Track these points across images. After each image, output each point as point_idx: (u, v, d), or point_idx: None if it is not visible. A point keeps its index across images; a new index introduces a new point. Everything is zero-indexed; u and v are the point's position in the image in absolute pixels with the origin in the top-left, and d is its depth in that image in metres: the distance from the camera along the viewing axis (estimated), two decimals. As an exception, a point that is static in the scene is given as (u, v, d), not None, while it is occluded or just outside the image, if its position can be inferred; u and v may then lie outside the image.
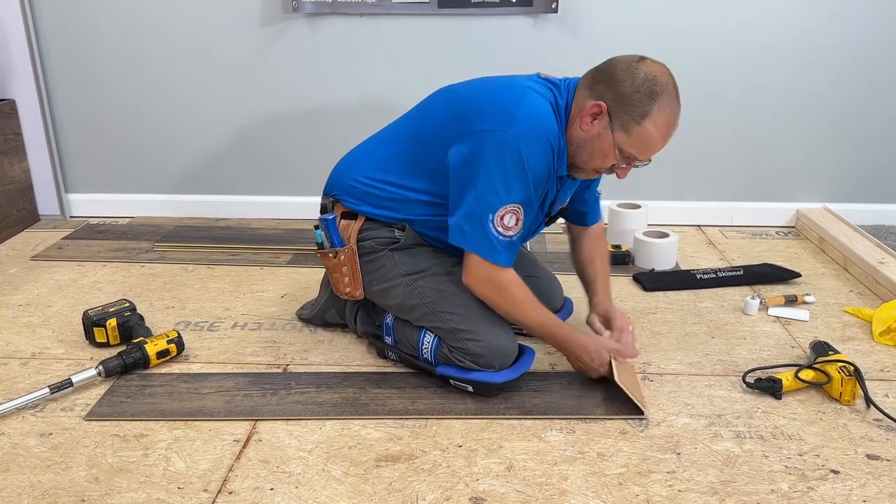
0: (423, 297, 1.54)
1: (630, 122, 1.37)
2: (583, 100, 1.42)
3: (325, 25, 2.45)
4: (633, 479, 1.29)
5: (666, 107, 1.37)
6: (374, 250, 1.57)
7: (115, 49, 2.50)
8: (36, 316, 1.90)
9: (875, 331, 1.80)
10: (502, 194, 1.39)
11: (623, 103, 1.37)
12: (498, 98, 1.44)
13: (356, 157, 1.66)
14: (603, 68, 1.42)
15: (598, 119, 1.40)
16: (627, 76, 1.37)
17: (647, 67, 1.37)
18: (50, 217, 2.66)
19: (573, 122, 1.44)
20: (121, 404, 1.50)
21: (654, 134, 1.38)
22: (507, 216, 1.40)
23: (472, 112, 1.44)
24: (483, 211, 1.40)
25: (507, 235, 1.42)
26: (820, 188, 2.62)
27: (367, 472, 1.30)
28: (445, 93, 1.57)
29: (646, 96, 1.36)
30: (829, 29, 2.41)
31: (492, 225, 1.40)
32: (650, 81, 1.36)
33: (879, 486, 1.27)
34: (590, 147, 1.43)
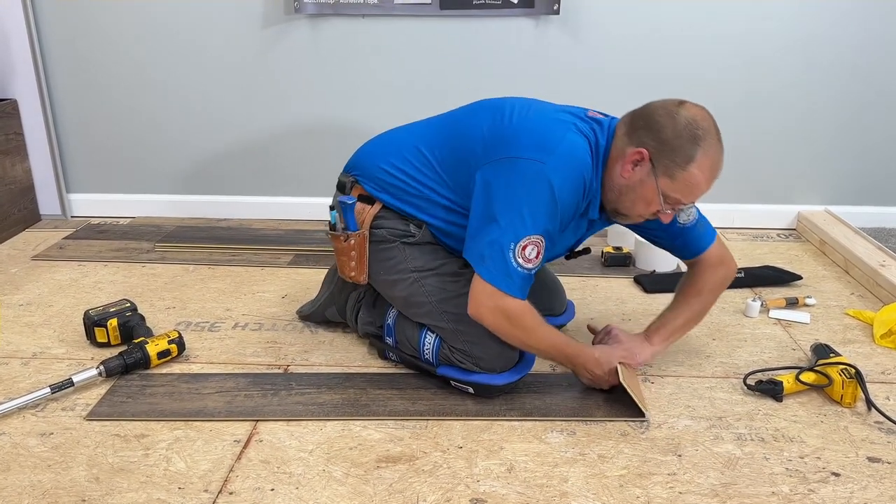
0: (430, 294, 1.54)
1: (674, 167, 1.34)
2: (621, 145, 1.40)
3: (327, 27, 2.45)
4: (634, 481, 1.28)
5: (710, 150, 1.34)
6: (386, 240, 1.56)
7: (116, 49, 2.50)
8: (37, 316, 1.90)
9: (876, 333, 1.80)
10: (529, 224, 1.36)
11: (665, 149, 1.34)
12: (541, 128, 1.42)
13: (386, 143, 1.63)
14: (641, 113, 1.40)
15: (639, 166, 1.37)
16: (668, 121, 1.34)
17: (687, 111, 1.35)
18: (51, 217, 2.67)
19: (612, 167, 1.41)
20: (121, 404, 1.50)
21: (700, 178, 1.35)
22: (530, 248, 1.37)
23: (513, 136, 1.41)
24: (506, 240, 1.36)
25: (527, 268, 1.38)
26: (821, 191, 2.62)
27: (367, 472, 1.30)
28: (491, 108, 1.52)
29: (688, 141, 1.33)
30: (830, 31, 2.41)
31: (513, 255, 1.36)
32: (692, 126, 1.33)
33: (880, 488, 1.27)
34: (632, 194, 1.41)
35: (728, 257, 1.63)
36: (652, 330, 1.62)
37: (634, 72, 2.45)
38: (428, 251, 1.56)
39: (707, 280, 1.61)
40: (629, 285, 2.13)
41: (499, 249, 1.37)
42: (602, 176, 1.44)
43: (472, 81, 2.49)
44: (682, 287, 1.65)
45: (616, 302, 2.02)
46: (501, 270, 1.37)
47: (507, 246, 1.36)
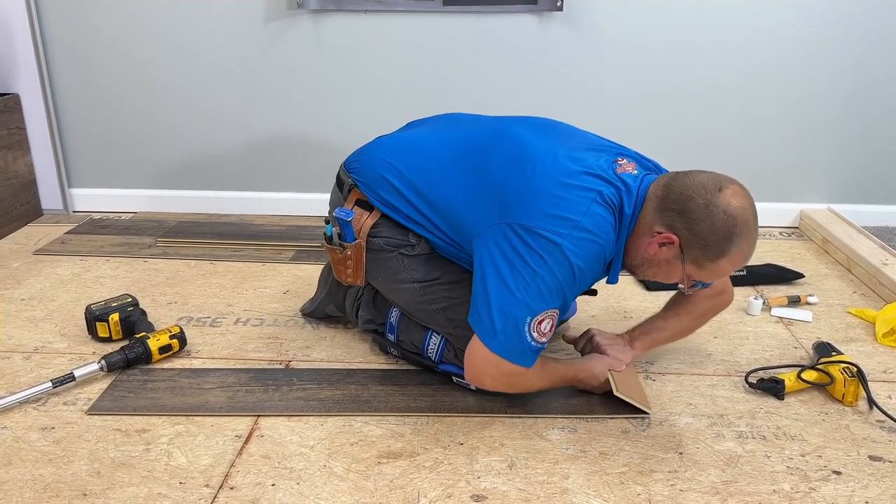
0: (434, 303, 1.51)
1: (704, 259, 1.30)
2: (650, 219, 1.32)
3: (330, 22, 2.45)
4: (635, 479, 1.28)
5: (743, 245, 1.28)
6: (385, 249, 1.51)
7: (119, 45, 2.50)
8: (39, 310, 1.90)
9: (878, 332, 1.79)
10: (548, 299, 1.29)
11: (698, 242, 1.28)
12: (565, 196, 1.31)
13: (391, 152, 1.53)
14: (676, 193, 1.29)
15: (667, 247, 1.32)
16: (704, 214, 1.26)
17: (725, 203, 1.26)
18: (53, 212, 2.67)
19: (638, 238, 1.35)
20: (123, 399, 1.50)
21: (728, 269, 1.32)
22: (545, 322, 1.31)
23: (533, 198, 1.32)
24: (522, 314, 1.29)
25: (541, 342, 1.32)
26: (824, 189, 2.61)
27: (368, 468, 1.30)
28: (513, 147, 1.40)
29: (724, 238, 1.26)
30: (834, 31, 2.40)
31: (527, 329, 1.29)
32: (729, 223, 1.25)
33: (882, 487, 1.27)
34: (655, 268, 1.38)
35: (728, 287, 1.62)
36: (637, 335, 1.60)
37: (637, 68, 2.45)
38: (428, 261, 1.51)
39: (705, 304, 1.60)
40: (631, 283, 2.13)
41: (513, 324, 1.29)
42: (627, 243, 1.38)
43: (474, 78, 2.48)
44: (676, 303, 1.62)
45: (618, 299, 2.02)
46: (516, 345, 1.30)
47: (522, 320, 1.29)
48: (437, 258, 1.52)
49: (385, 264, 1.53)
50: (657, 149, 2.51)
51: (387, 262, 1.52)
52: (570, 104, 2.48)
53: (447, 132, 1.55)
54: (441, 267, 1.52)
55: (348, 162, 1.60)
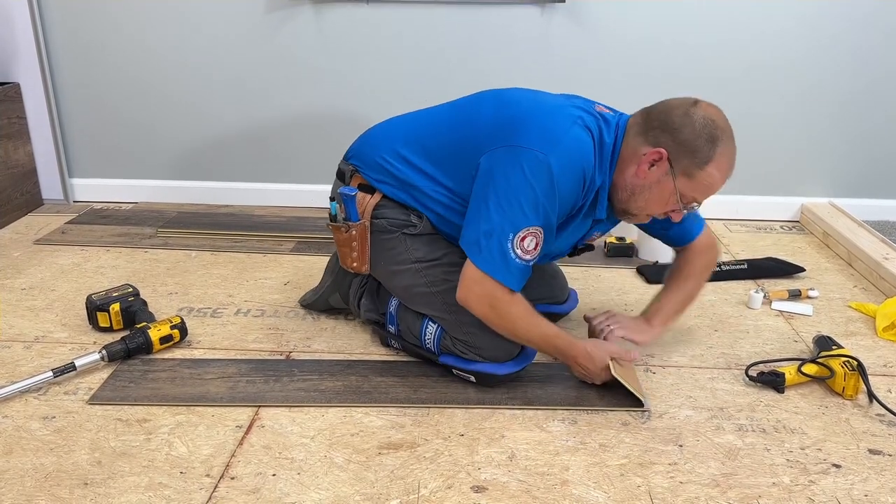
0: (432, 285, 1.53)
1: (693, 167, 1.35)
2: (636, 145, 1.39)
3: (331, 12, 2.44)
4: (635, 471, 1.29)
5: (727, 149, 1.36)
6: (388, 230, 1.54)
7: (119, 34, 2.49)
8: (39, 300, 1.90)
9: (878, 326, 1.79)
10: (529, 214, 1.34)
11: (684, 150, 1.34)
12: (547, 119, 1.40)
13: (387, 132, 1.60)
14: (656, 113, 1.39)
15: (656, 166, 1.37)
16: (686, 121, 1.34)
17: (703, 111, 1.35)
18: (53, 201, 2.66)
19: (625, 167, 1.41)
20: (124, 389, 1.50)
21: (717, 177, 1.37)
22: (528, 238, 1.36)
23: (518, 125, 1.39)
24: (505, 229, 1.35)
25: (525, 259, 1.37)
26: (825, 183, 2.61)
27: (369, 459, 1.31)
28: (495, 97, 1.51)
29: (707, 141, 1.34)
30: (835, 24, 2.39)
31: (511, 245, 1.35)
32: (710, 126, 1.34)
33: (881, 480, 1.27)
34: (647, 193, 1.40)
35: (714, 242, 1.69)
36: (651, 313, 1.65)
37: (640, 61, 2.44)
38: (429, 242, 1.54)
39: (697, 264, 1.66)
40: (632, 276, 2.13)
41: (496, 239, 1.35)
42: (611, 175, 1.42)
43: (476, 69, 2.47)
44: (673, 272, 1.69)
45: (618, 292, 2.02)
46: (499, 260, 1.36)
47: (505, 236, 1.35)
48: (439, 239, 1.55)
49: (388, 245, 1.55)
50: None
51: (390, 243, 1.55)
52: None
53: (438, 106, 1.61)
54: (443, 248, 1.54)
55: (347, 153, 1.64)
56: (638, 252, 2.25)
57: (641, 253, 2.24)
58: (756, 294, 1.92)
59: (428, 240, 1.54)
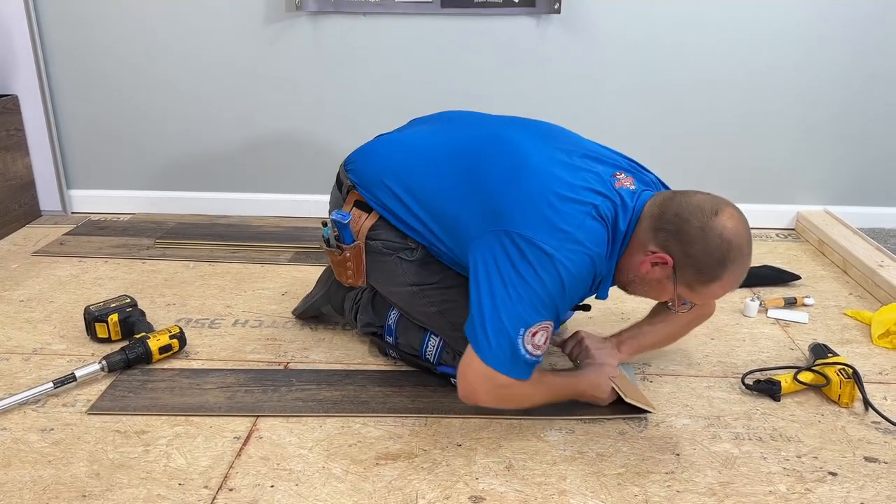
0: (431, 305, 1.51)
1: (696, 283, 1.29)
2: (644, 238, 1.32)
3: (328, 24, 2.45)
4: (632, 480, 1.29)
5: (736, 271, 1.28)
6: (383, 253, 1.51)
7: (118, 46, 2.50)
8: (37, 311, 1.90)
9: (874, 334, 1.80)
10: (541, 311, 1.27)
11: (691, 264, 1.28)
12: (559, 209, 1.30)
13: (388, 155, 1.54)
14: (672, 214, 1.29)
15: (660, 267, 1.31)
16: (699, 236, 1.25)
17: (721, 227, 1.25)
18: (51, 213, 2.67)
19: (630, 255, 1.35)
20: (123, 399, 1.51)
21: (718, 293, 1.33)
22: (539, 334, 1.29)
23: (528, 207, 1.30)
24: (515, 325, 1.26)
25: (536, 355, 1.30)
26: (820, 191, 2.62)
27: (367, 470, 1.31)
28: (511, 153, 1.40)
29: (717, 263, 1.26)
30: (829, 32, 2.41)
31: (521, 342, 1.27)
32: (724, 248, 1.25)
33: (877, 488, 1.28)
34: (646, 287, 1.38)
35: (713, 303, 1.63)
36: (624, 339, 1.58)
37: (635, 71, 2.45)
38: (425, 266, 1.50)
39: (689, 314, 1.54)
40: (628, 284, 2.14)
41: (506, 336, 1.27)
42: (618, 258, 1.36)
43: (473, 80, 2.49)
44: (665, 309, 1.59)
45: (615, 300, 2.01)
46: (511, 359, 1.28)
47: (515, 332, 1.27)
48: (434, 262, 1.52)
49: (384, 267, 1.53)
50: (654, 152, 2.52)
51: (386, 265, 1.52)
52: (567, 106, 2.49)
53: (445, 134, 1.54)
54: (439, 271, 1.51)
55: (348, 161, 1.60)
56: (634, 261, 2.26)
57: (638, 261, 2.24)
58: (752, 302, 1.93)
59: (424, 263, 1.50)
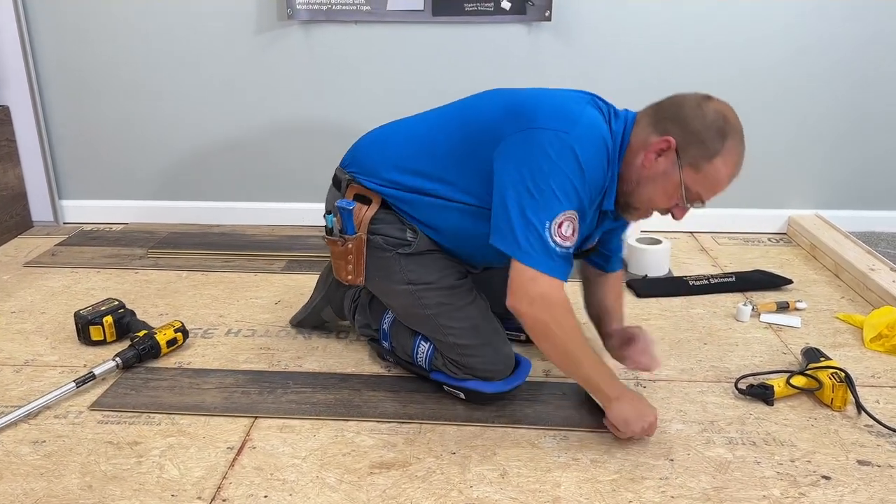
0: (426, 308, 1.51)
1: (700, 159, 1.31)
2: (645, 134, 1.35)
3: (320, 33, 2.46)
4: (627, 486, 1.29)
5: (736, 146, 1.32)
6: (383, 248, 1.50)
7: (109, 55, 2.50)
8: (29, 323, 1.89)
9: (866, 337, 1.81)
10: (562, 199, 1.28)
11: (693, 141, 1.31)
12: (558, 101, 1.37)
13: (387, 139, 1.56)
14: (667, 105, 1.36)
15: (664, 156, 1.33)
16: (697, 113, 1.32)
17: (715, 105, 1.33)
18: (43, 223, 2.66)
19: (632, 158, 1.36)
20: (125, 396, 1.56)
21: (724, 173, 1.33)
22: (566, 224, 1.29)
23: (531, 110, 1.35)
24: (540, 217, 1.28)
25: (565, 246, 1.30)
26: (812, 195, 2.63)
27: (361, 479, 1.31)
28: (497, 92, 1.49)
29: (717, 134, 1.31)
30: (821, 40, 2.43)
31: (549, 233, 1.28)
32: (721, 120, 1.31)
33: (870, 491, 1.28)
34: (652, 185, 1.36)
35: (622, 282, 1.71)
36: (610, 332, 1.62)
37: (626, 78, 2.47)
38: (425, 263, 1.51)
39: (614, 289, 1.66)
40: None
41: (534, 230, 1.28)
42: (619, 167, 1.38)
43: (464, 87, 2.47)
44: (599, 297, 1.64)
45: (608, 307, 2.03)
46: (542, 251, 1.28)
47: (542, 225, 1.28)
48: (433, 259, 1.52)
49: (383, 263, 1.52)
50: (646, 156, 2.52)
51: (384, 262, 1.52)
52: (559, 113, 2.49)
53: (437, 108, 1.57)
54: (437, 270, 1.51)
55: (343, 160, 1.60)
56: (627, 266, 2.27)
57: (631, 267, 2.25)
58: (744, 307, 1.93)
59: (424, 261, 1.51)
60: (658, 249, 2.22)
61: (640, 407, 1.40)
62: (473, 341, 1.49)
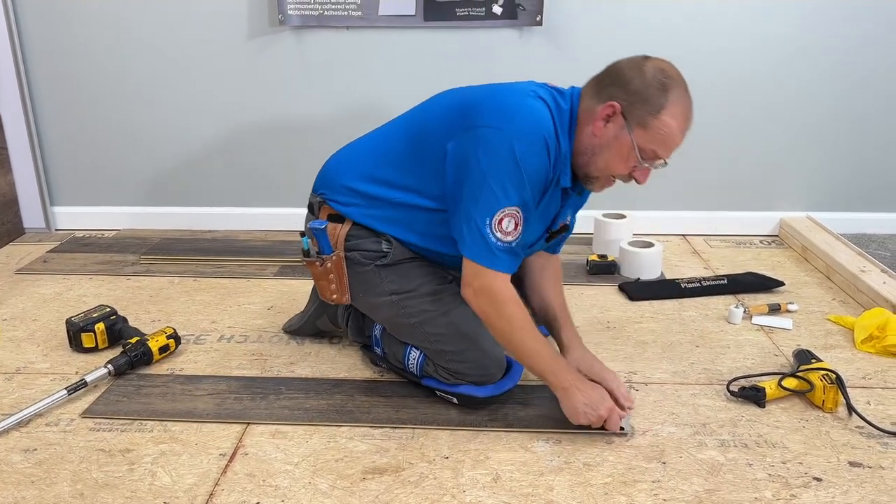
0: (411, 317, 1.52)
1: (647, 116, 1.33)
2: (590, 105, 1.39)
3: (312, 38, 2.46)
4: (619, 489, 1.29)
5: (680, 97, 1.35)
6: (361, 263, 1.53)
7: (101, 62, 2.50)
8: (21, 330, 1.88)
9: (857, 338, 1.82)
10: (500, 196, 1.33)
11: (637, 100, 1.34)
12: (499, 97, 1.41)
13: (349, 155, 1.61)
14: (607, 72, 1.40)
15: (611, 121, 1.36)
16: (636, 73, 1.35)
17: (653, 63, 1.36)
18: (35, 230, 2.65)
19: (582, 130, 1.40)
20: (117, 403, 1.54)
21: (673, 126, 1.34)
22: (506, 220, 1.35)
23: (473, 109, 1.40)
24: (480, 214, 1.34)
25: (506, 241, 1.36)
26: (803, 197, 2.65)
27: (353, 485, 1.30)
28: (447, 93, 1.54)
29: (658, 89, 1.33)
30: (810, 40, 2.44)
31: (489, 230, 1.34)
32: (660, 74, 1.34)
33: (861, 493, 1.29)
34: (606, 152, 1.38)
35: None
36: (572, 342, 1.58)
37: (617, 81, 2.47)
38: (404, 272, 1.53)
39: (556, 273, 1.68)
40: (614, 293, 2.15)
41: (475, 226, 1.35)
42: (571, 141, 1.41)
43: (456, 92, 2.50)
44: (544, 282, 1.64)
45: (601, 310, 2.03)
46: (482, 247, 1.35)
47: (482, 222, 1.34)
48: (412, 267, 1.53)
49: (364, 278, 1.54)
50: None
51: (365, 277, 1.54)
52: (551, 117, 2.50)
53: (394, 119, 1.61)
54: (417, 278, 1.53)
55: (314, 185, 1.64)
56: (620, 269, 2.27)
57: (623, 270, 2.26)
58: (736, 309, 1.94)
59: (402, 270, 1.53)
60: (650, 252, 2.23)
61: (591, 396, 1.41)
62: (460, 347, 1.49)
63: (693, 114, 1.39)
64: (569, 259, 2.38)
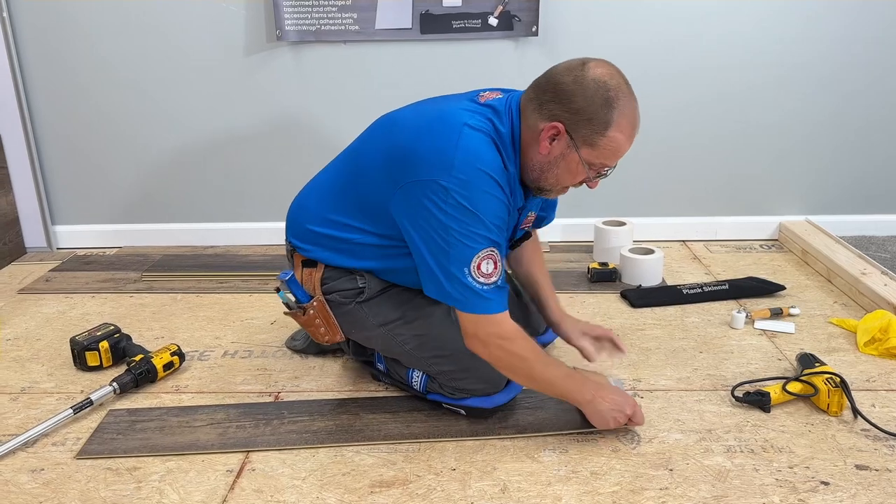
0: (405, 343, 1.51)
1: (593, 135, 1.30)
2: (533, 122, 1.34)
3: (310, 53, 2.48)
4: (627, 497, 1.29)
5: (625, 109, 1.29)
6: (343, 303, 1.52)
7: (100, 80, 2.51)
8: (25, 350, 1.89)
9: (860, 341, 1.82)
10: (469, 244, 1.30)
11: (580, 119, 1.29)
12: (434, 140, 1.32)
13: (308, 196, 1.59)
14: (545, 84, 1.33)
15: (556, 140, 1.32)
16: (577, 89, 1.28)
17: (593, 74, 1.28)
18: (37, 249, 2.66)
19: (528, 147, 1.36)
20: (112, 441, 1.48)
21: (621, 139, 1.31)
22: (483, 263, 1.31)
23: (408, 157, 1.34)
24: (457, 266, 1.30)
25: (492, 281, 1.32)
26: (802, 201, 2.65)
27: (361, 498, 1.30)
28: (382, 126, 1.48)
29: (602, 106, 1.28)
30: (807, 45, 2.46)
31: (470, 278, 1.30)
32: (602, 89, 1.27)
33: (869, 496, 1.29)
34: (555, 168, 1.36)
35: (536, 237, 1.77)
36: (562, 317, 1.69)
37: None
38: (385, 302, 1.52)
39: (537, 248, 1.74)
40: (616, 300, 2.15)
41: (457, 280, 1.31)
42: (517, 162, 1.38)
43: (454, 103, 2.51)
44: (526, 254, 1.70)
45: (603, 317, 2.04)
46: (469, 296, 1.32)
47: (462, 273, 1.31)
48: (391, 297, 1.52)
49: (350, 317, 1.54)
50: (636, 167, 2.55)
51: (350, 315, 1.54)
52: (549, 126, 2.51)
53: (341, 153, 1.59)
54: (399, 305, 1.52)
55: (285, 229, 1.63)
56: (621, 276, 2.28)
57: (625, 277, 2.26)
58: (738, 314, 1.94)
59: (383, 300, 1.52)
60: (651, 259, 2.23)
61: (615, 400, 1.43)
62: (459, 365, 1.48)
63: (639, 113, 1.34)
64: (570, 268, 2.39)
